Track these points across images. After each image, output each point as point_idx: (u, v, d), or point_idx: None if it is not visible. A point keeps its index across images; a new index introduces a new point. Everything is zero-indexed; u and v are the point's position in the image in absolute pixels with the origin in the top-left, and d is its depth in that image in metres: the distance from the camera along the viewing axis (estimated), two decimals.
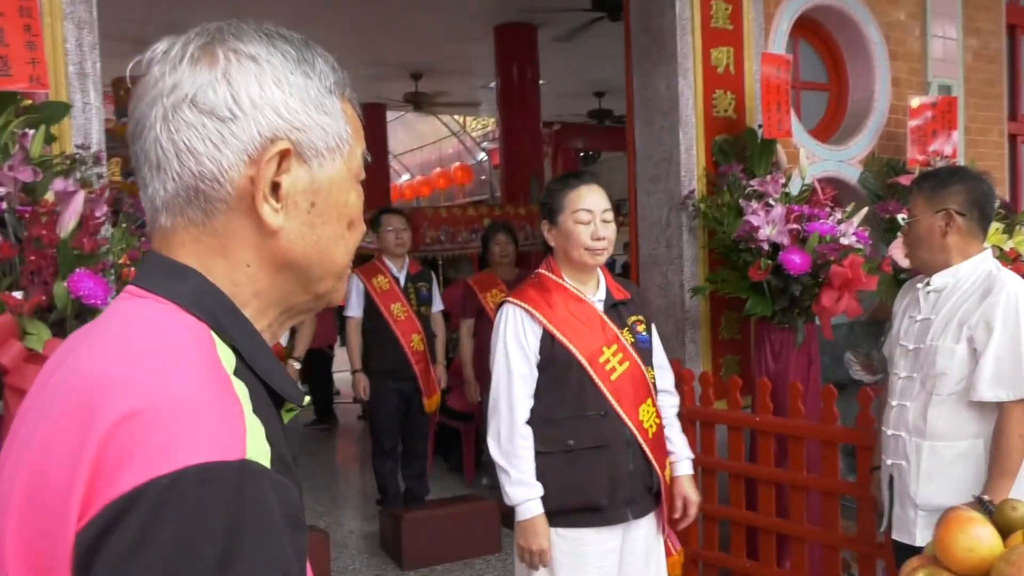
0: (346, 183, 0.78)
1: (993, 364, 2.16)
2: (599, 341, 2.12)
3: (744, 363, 3.54)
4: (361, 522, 4.87)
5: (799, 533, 3.09)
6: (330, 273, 0.79)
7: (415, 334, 4.46)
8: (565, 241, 2.13)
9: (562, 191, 2.13)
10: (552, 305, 2.13)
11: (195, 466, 0.59)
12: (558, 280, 2.17)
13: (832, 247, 2.99)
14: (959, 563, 1.27)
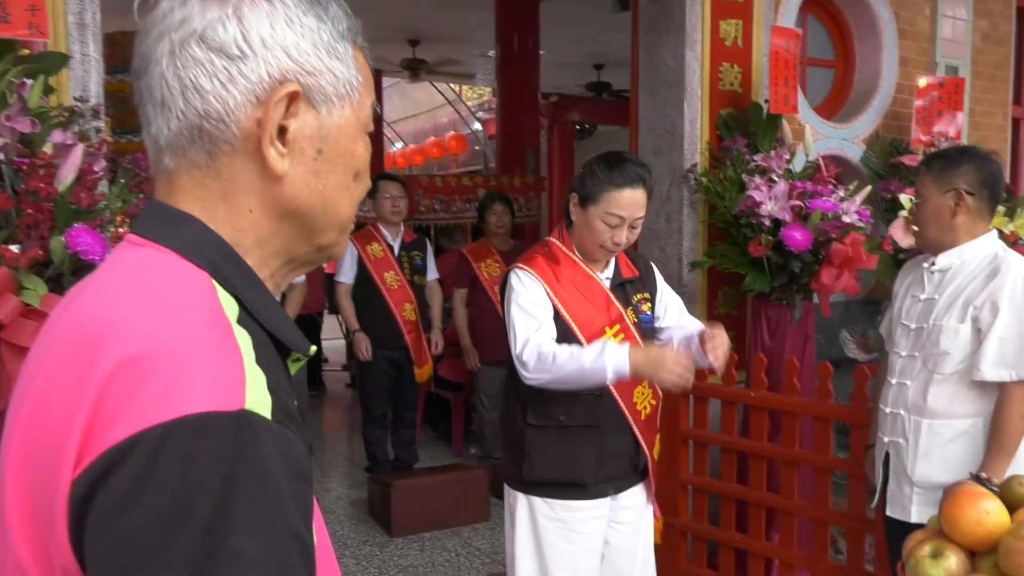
0: (354, 132, 0.76)
1: (998, 345, 2.17)
2: (602, 320, 2.09)
3: (740, 339, 3.55)
4: (349, 489, 4.88)
5: (789, 508, 3.12)
6: (333, 224, 0.77)
7: (408, 303, 4.45)
8: (586, 229, 2.07)
9: (604, 186, 2.01)
10: (559, 278, 2.08)
11: (192, 416, 0.57)
12: (568, 252, 2.12)
13: (834, 225, 2.99)
14: (966, 537, 1.28)
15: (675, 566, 3.48)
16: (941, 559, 1.28)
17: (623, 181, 2.00)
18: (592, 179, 2.03)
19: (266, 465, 0.59)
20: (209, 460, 0.57)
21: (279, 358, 0.71)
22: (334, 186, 0.75)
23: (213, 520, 0.56)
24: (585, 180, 2.05)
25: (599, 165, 2.05)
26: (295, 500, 0.61)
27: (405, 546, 4.04)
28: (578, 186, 2.07)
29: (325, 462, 5.47)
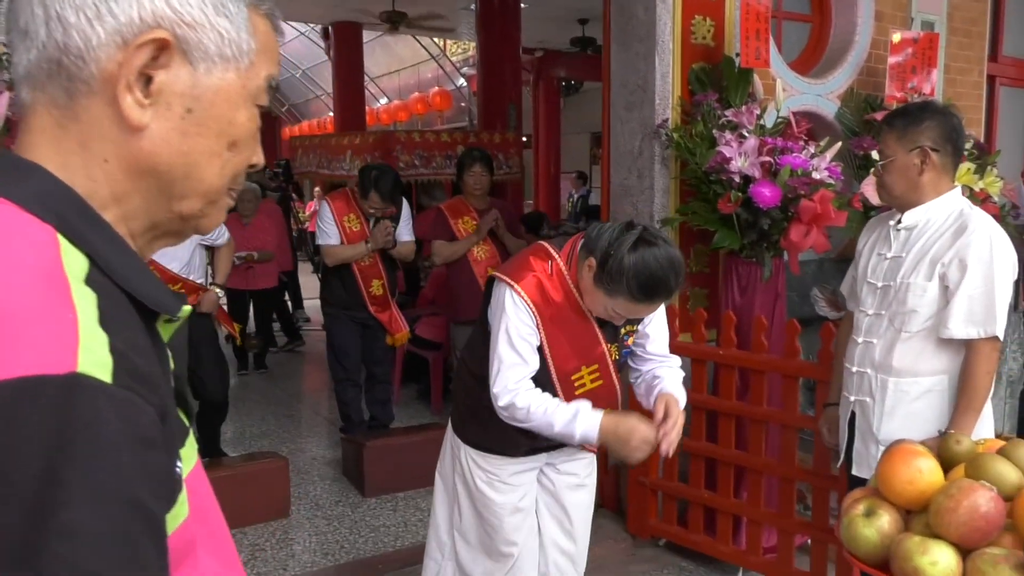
0: (236, 99, 0.72)
1: (966, 302, 2.16)
2: (580, 360, 2.01)
3: (712, 296, 3.52)
4: (325, 449, 4.88)
5: (757, 465, 3.13)
6: (196, 192, 0.73)
7: (376, 279, 4.39)
8: (590, 296, 1.92)
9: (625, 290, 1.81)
10: (550, 308, 1.96)
11: (13, 380, 0.53)
12: (571, 285, 1.97)
13: (803, 181, 2.94)
14: (898, 495, 1.26)
15: (645, 523, 3.50)
16: (874, 518, 1.26)
17: (644, 297, 1.83)
18: (617, 270, 1.80)
19: (100, 430, 0.55)
20: (32, 427, 0.53)
21: (140, 319, 0.67)
22: (201, 151, 0.71)
23: (39, 492, 0.52)
24: (609, 264, 1.81)
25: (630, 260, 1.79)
26: (138, 468, 0.57)
27: (378, 506, 4.05)
28: (600, 258, 1.84)
29: (302, 422, 5.47)
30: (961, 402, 2.23)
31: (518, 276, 1.96)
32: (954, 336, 2.19)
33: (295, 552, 3.56)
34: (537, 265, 1.98)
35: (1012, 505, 1.20)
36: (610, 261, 1.81)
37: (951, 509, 1.17)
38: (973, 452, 1.29)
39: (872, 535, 1.24)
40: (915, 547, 1.17)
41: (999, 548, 1.17)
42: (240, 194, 4.69)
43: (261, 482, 3.85)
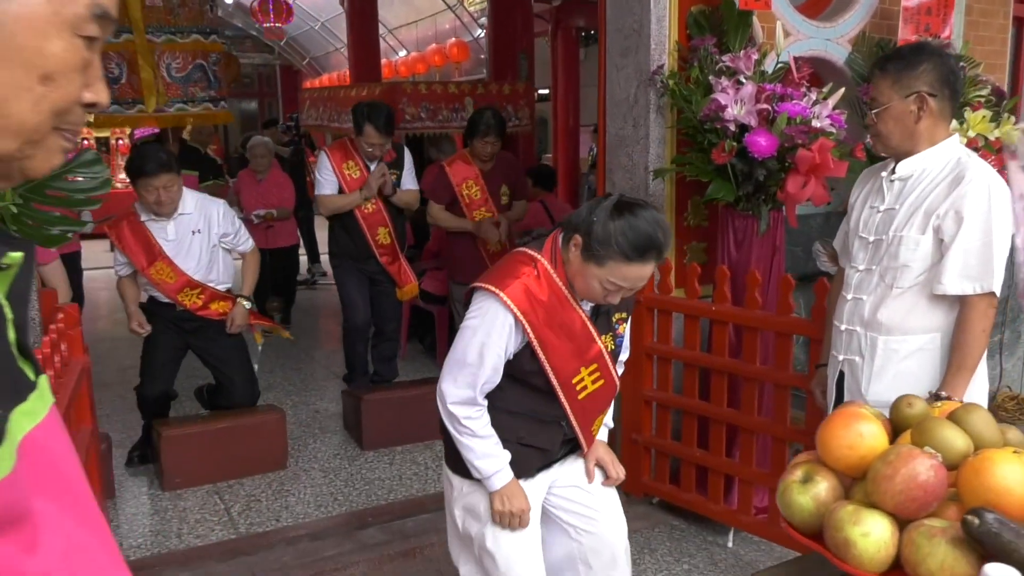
0: (45, 27, 0.64)
1: (961, 256, 2.05)
2: (579, 362, 1.93)
3: (711, 251, 3.40)
4: (328, 403, 4.88)
5: (749, 425, 3.04)
6: (6, 130, 0.66)
7: (382, 227, 4.31)
8: (579, 276, 1.83)
9: (614, 255, 1.74)
10: (541, 309, 1.86)
11: None
12: (558, 282, 1.87)
13: (801, 130, 2.79)
14: (837, 461, 1.17)
15: (638, 481, 3.45)
16: (810, 485, 1.18)
17: (635, 254, 1.74)
18: (603, 236, 1.74)
19: None
20: None
21: None
22: (6, 84, 0.64)
23: None
24: (594, 232, 1.75)
25: (614, 222, 1.74)
26: None
27: (376, 459, 4.04)
28: (584, 231, 1.77)
29: (308, 376, 5.48)
30: (954, 361, 2.13)
31: (503, 283, 1.85)
32: (948, 292, 2.08)
33: (289, 504, 3.57)
34: (521, 270, 1.87)
35: (957, 474, 1.10)
36: (595, 228, 1.75)
37: (888, 477, 1.08)
38: (925, 416, 1.20)
39: (807, 503, 1.16)
40: (847, 516, 1.09)
41: (939, 520, 1.08)
42: (251, 148, 4.60)
43: (259, 434, 3.86)
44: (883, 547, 1.07)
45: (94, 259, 9.92)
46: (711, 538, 3.27)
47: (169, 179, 3.49)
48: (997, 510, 1.03)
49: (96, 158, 2.15)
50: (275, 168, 6.21)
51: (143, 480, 3.81)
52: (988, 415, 1.18)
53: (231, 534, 3.28)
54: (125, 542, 3.21)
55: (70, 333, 2.32)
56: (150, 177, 3.45)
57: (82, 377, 2.34)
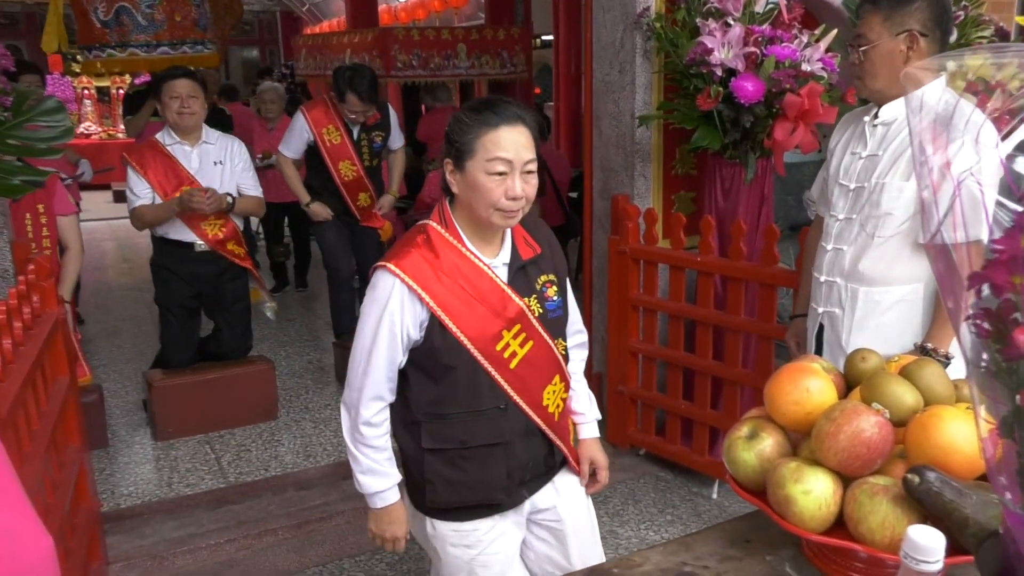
0: None
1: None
2: (498, 324, 1.73)
3: (700, 200, 3.34)
4: (322, 353, 4.90)
5: (734, 377, 3.02)
6: None
7: (362, 192, 4.22)
8: (471, 194, 1.66)
9: (476, 130, 1.64)
10: (441, 276, 1.69)
11: None
12: (453, 241, 1.71)
13: (789, 74, 2.70)
14: (783, 416, 1.14)
15: (624, 433, 3.45)
16: (756, 441, 1.15)
17: (497, 120, 1.64)
18: (460, 130, 1.66)
19: None
20: None
21: None
22: None
23: None
24: (452, 139, 1.68)
25: (465, 112, 1.70)
26: None
27: None
28: (450, 151, 1.69)
29: (304, 327, 5.49)
30: (940, 312, 2.07)
31: (396, 258, 1.70)
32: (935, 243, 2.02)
33: (279, 454, 3.60)
34: (412, 238, 1.74)
35: (905, 431, 1.07)
36: (452, 132, 1.68)
37: (831, 434, 1.05)
38: (877, 371, 1.16)
39: (751, 459, 1.14)
40: (789, 474, 1.06)
41: (884, 477, 1.05)
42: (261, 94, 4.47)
43: (249, 385, 3.87)
44: (824, 505, 1.05)
45: (96, 210, 9.92)
46: (696, 489, 3.27)
47: (192, 87, 3.48)
48: (943, 468, 1.00)
49: (58, 106, 2.10)
50: (285, 116, 5.81)
51: (137, 430, 3.84)
52: (941, 370, 1.14)
53: (220, 483, 3.31)
54: (116, 490, 3.24)
55: (42, 284, 2.30)
56: (174, 81, 3.45)
57: (56, 329, 2.33)
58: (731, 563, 1.18)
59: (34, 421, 1.98)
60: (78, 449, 2.43)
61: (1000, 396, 0.58)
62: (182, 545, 2.81)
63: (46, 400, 2.15)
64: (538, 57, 9.28)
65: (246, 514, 3.02)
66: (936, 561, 0.75)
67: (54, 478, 2.12)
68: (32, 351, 2.01)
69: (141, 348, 5.01)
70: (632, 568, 1.15)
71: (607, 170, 3.38)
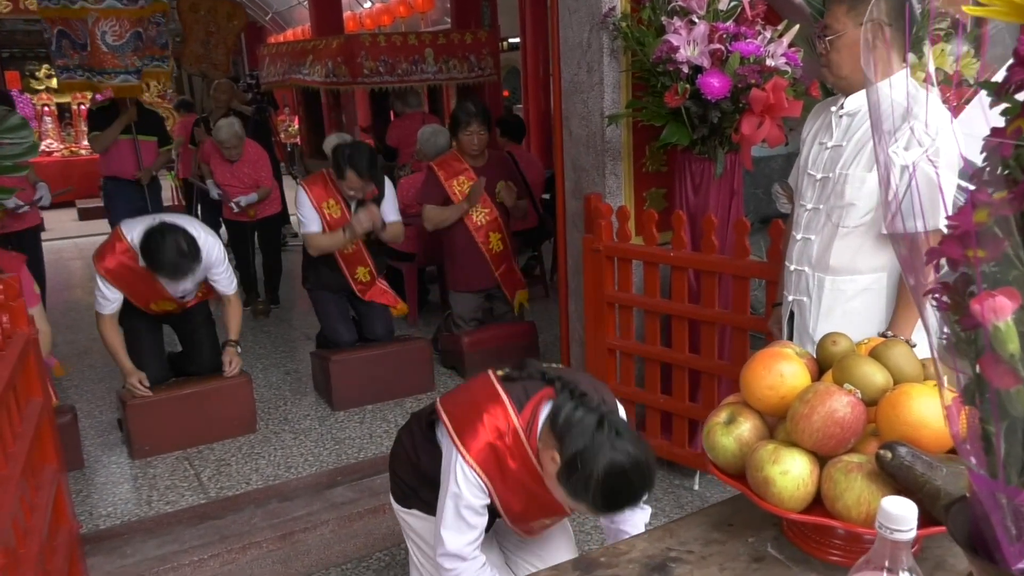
0: None
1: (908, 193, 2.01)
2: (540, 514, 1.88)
3: (671, 196, 3.37)
4: (298, 364, 4.87)
5: (710, 368, 3.05)
6: None
7: (361, 267, 4.14)
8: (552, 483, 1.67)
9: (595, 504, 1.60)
10: (506, 478, 1.74)
11: None
12: (529, 454, 1.73)
13: (753, 69, 2.75)
14: (759, 401, 1.17)
15: None
16: (733, 426, 1.17)
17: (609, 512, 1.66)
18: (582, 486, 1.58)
19: None
20: None
21: None
22: None
23: None
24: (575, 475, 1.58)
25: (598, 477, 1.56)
26: None
27: (346, 419, 4.05)
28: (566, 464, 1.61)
29: (277, 338, 5.45)
30: (901, 300, 2.12)
31: (468, 439, 1.73)
32: (897, 231, 2.05)
33: (259, 466, 3.57)
34: (490, 424, 1.73)
35: (876, 409, 1.10)
36: (577, 472, 1.58)
37: (805, 416, 1.07)
38: (847, 353, 1.19)
39: (730, 444, 1.16)
40: (767, 456, 1.09)
41: (858, 455, 1.08)
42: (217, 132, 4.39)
43: (226, 399, 3.84)
44: (802, 484, 1.07)
45: (61, 229, 9.80)
46: (677, 481, 3.30)
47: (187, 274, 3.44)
48: (914, 443, 1.03)
49: (22, 123, 2.08)
50: (248, 145, 5.65)
51: (113, 450, 3.80)
52: (909, 350, 1.17)
53: (201, 499, 3.28)
54: (95, 511, 3.21)
55: (12, 305, 2.27)
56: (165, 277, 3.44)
57: (28, 349, 2.30)
58: (715, 546, 1.20)
59: (9, 443, 1.95)
60: (55, 470, 2.40)
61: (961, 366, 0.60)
62: (165, 563, 2.78)
63: (20, 421, 2.13)
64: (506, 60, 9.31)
65: (229, 528, 2.99)
66: (909, 529, 0.78)
67: (31, 500, 2.10)
68: (4, 372, 1.99)
69: (112, 368, 4.91)
70: (619, 556, 1.17)
71: (578, 169, 3.41)
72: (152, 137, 5.48)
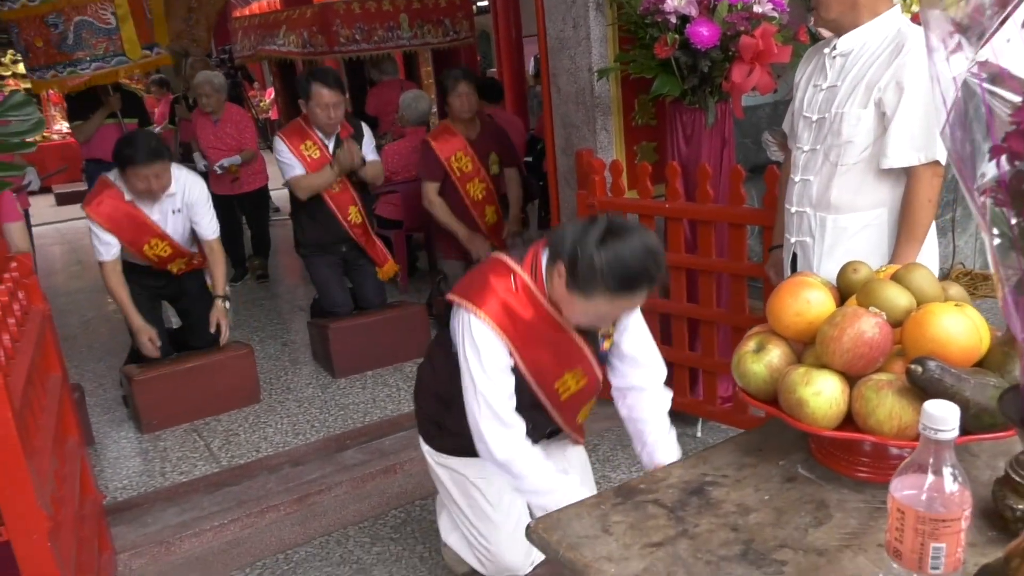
0: None
1: (905, 127, 2.06)
2: (563, 368, 1.86)
3: (661, 150, 3.42)
4: (294, 335, 4.90)
5: (709, 317, 3.12)
6: None
7: (352, 206, 4.09)
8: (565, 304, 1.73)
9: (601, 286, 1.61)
10: (521, 329, 1.76)
11: None
12: (539, 297, 1.77)
13: (742, 16, 2.78)
14: (788, 328, 1.22)
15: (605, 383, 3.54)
16: (763, 353, 1.23)
17: (623, 289, 1.62)
18: (587, 267, 1.61)
19: None
20: None
21: None
22: None
23: None
24: (579, 261, 1.62)
25: (602, 256, 1.59)
26: None
27: (348, 385, 4.09)
28: (568, 260, 1.64)
29: (271, 310, 5.46)
30: (902, 234, 2.17)
31: (480, 300, 1.76)
32: (893, 165, 2.11)
33: (268, 435, 3.61)
34: (499, 284, 1.77)
35: (901, 330, 1.16)
36: (579, 262, 1.61)
37: (835, 338, 1.13)
38: (870, 279, 1.25)
39: (760, 370, 1.22)
40: (799, 378, 1.15)
41: (886, 374, 1.14)
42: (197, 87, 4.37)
43: (229, 370, 3.87)
44: (834, 403, 1.13)
45: (40, 215, 9.65)
46: (680, 429, 3.33)
47: (161, 167, 3.41)
48: (941, 359, 1.09)
49: (27, 100, 2.07)
50: (230, 106, 5.64)
51: (121, 426, 3.82)
52: (930, 273, 1.23)
53: (214, 468, 3.32)
54: (110, 485, 3.24)
55: (26, 282, 2.28)
56: (140, 167, 3.37)
57: (45, 325, 2.31)
58: (748, 470, 1.26)
59: (39, 416, 1.98)
60: (77, 442, 2.43)
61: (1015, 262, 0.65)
62: (186, 529, 2.83)
63: (44, 395, 2.15)
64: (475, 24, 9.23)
65: (245, 494, 3.04)
66: (952, 429, 0.84)
67: (60, 471, 2.13)
68: (28, 347, 2.01)
69: (109, 346, 4.96)
70: (657, 483, 1.23)
71: (568, 126, 3.43)
72: (134, 119, 5.42)
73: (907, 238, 2.16)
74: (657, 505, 1.16)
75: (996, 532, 1.05)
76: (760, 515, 1.13)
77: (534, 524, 1.13)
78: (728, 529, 1.10)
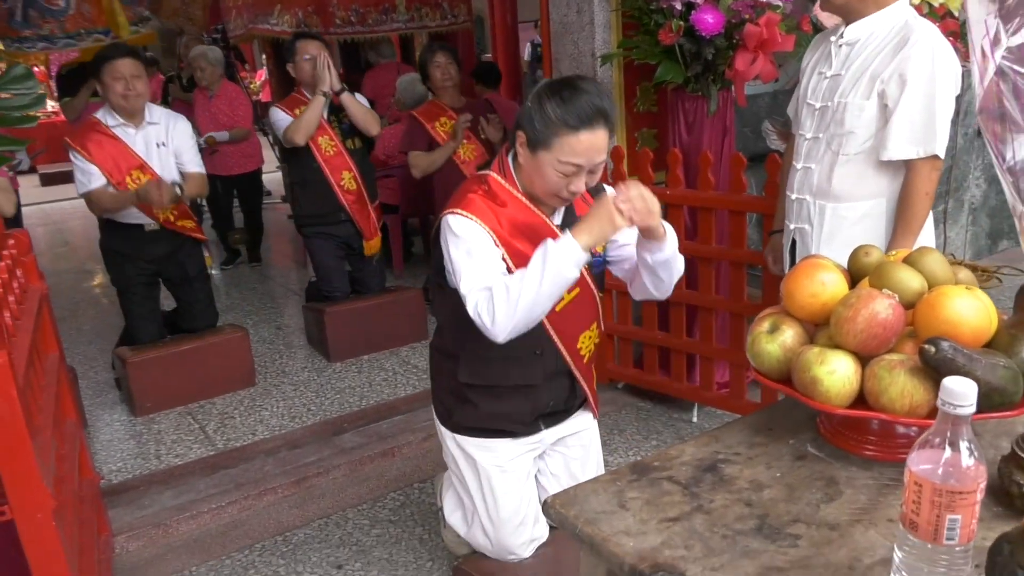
0: None
1: (906, 121, 2.07)
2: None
3: (662, 137, 3.42)
4: (288, 318, 4.88)
5: (707, 304, 3.14)
6: None
7: (346, 171, 4.04)
8: (536, 175, 1.74)
9: (555, 127, 1.66)
10: (503, 222, 1.77)
11: None
12: (512, 191, 1.80)
13: (747, 4, 2.78)
14: (802, 309, 1.23)
15: (603, 368, 3.56)
16: (777, 334, 1.24)
17: (579, 122, 1.65)
18: (542, 118, 1.68)
19: None
20: None
21: None
22: None
23: None
24: (534, 117, 1.69)
25: (549, 98, 1.68)
26: None
27: (343, 369, 4.09)
28: (526, 122, 1.72)
29: (264, 294, 5.45)
30: (899, 225, 2.19)
31: (460, 203, 1.78)
32: (893, 157, 2.12)
33: (263, 418, 3.61)
34: (473, 187, 1.82)
35: (913, 312, 1.17)
36: (532, 113, 1.69)
37: (849, 319, 1.14)
38: (882, 262, 1.26)
39: (775, 350, 1.23)
40: (813, 358, 1.16)
41: (898, 354, 1.16)
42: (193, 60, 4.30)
43: (224, 353, 3.86)
44: (848, 382, 1.15)
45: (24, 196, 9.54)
46: (676, 415, 3.41)
47: (136, 67, 3.38)
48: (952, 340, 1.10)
49: (27, 73, 2.05)
50: (226, 83, 5.63)
51: (113, 408, 3.81)
52: (941, 257, 1.24)
53: (210, 451, 3.32)
54: (104, 468, 3.23)
55: (23, 259, 2.27)
56: (116, 61, 3.32)
57: (42, 303, 2.30)
58: (759, 448, 1.27)
59: (39, 394, 1.97)
60: (74, 423, 2.42)
61: None
62: (183, 512, 2.83)
63: (43, 374, 2.14)
64: None
65: (243, 476, 3.04)
66: (970, 404, 0.85)
67: (60, 452, 2.12)
68: (28, 325, 2.00)
69: (99, 328, 4.93)
70: (671, 460, 1.24)
71: None
72: None
73: (904, 230, 2.18)
74: (671, 482, 1.17)
75: (1002, 508, 1.07)
76: (773, 491, 1.14)
77: (551, 500, 1.14)
78: (742, 504, 1.11)
